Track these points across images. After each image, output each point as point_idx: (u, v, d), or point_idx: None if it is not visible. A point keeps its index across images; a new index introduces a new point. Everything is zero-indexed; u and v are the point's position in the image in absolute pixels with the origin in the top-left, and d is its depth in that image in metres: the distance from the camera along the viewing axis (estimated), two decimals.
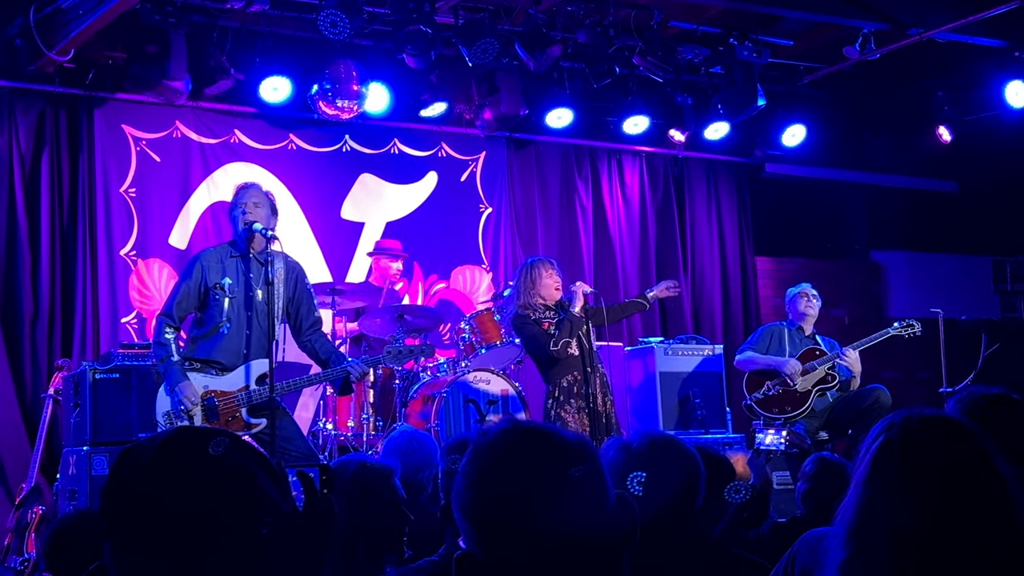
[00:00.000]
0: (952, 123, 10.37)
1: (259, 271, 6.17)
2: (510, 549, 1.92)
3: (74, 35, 7.73)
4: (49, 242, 8.57)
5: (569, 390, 7.56)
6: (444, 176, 10.16)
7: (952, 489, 2.06)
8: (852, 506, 2.13)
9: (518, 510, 1.91)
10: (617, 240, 10.74)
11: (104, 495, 1.89)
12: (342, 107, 8.69)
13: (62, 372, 7.98)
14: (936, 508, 2.04)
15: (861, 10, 8.91)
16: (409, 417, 7.93)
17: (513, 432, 2.02)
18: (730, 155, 11.20)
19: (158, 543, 1.83)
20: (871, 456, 2.13)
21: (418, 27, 7.96)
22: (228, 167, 9.31)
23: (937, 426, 2.14)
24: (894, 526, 2.05)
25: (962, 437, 2.12)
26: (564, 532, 1.89)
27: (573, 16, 8.53)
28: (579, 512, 1.91)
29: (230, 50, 8.50)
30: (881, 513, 2.07)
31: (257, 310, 6.13)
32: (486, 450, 2.01)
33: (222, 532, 1.84)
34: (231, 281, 6.15)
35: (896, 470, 2.09)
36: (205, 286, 6.15)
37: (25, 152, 8.58)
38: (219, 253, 6.27)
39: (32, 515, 7.58)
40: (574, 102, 9.67)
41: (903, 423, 2.15)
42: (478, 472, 1.99)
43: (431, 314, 8.95)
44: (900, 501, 2.06)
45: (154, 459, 1.88)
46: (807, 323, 8.76)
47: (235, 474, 1.88)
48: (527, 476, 1.93)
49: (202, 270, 6.16)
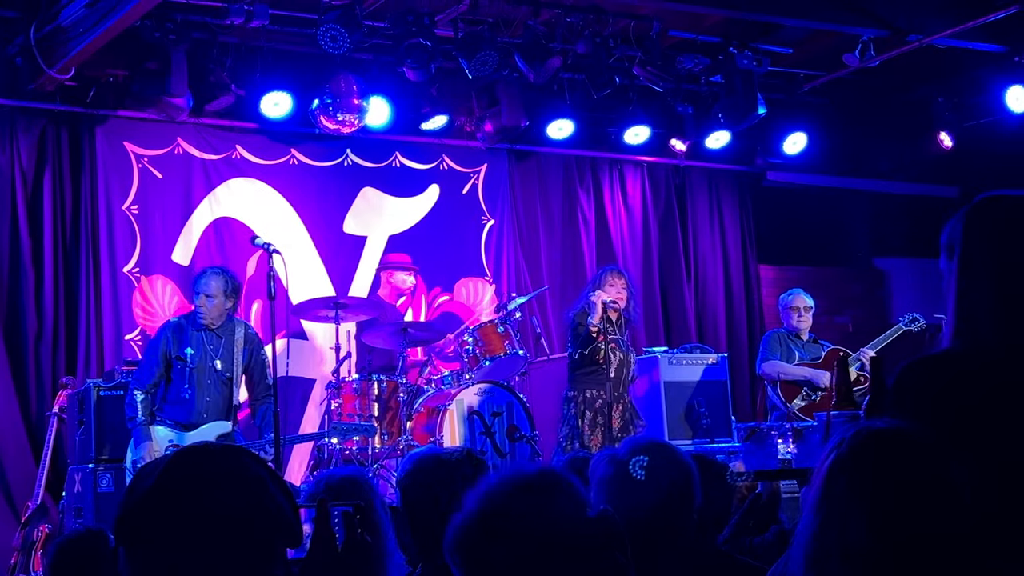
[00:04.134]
0: (953, 128, 10.38)
1: (218, 342, 7.09)
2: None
3: (75, 53, 7.74)
4: (52, 260, 8.58)
5: (591, 403, 7.77)
6: (446, 189, 10.17)
7: (904, 503, 1.96)
8: (805, 526, 2.03)
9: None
10: (620, 250, 10.74)
11: (122, 501, 1.93)
12: (343, 121, 8.70)
13: (66, 390, 7.99)
14: (888, 524, 1.95)
15: (860, 17, 8.92)
16: (414, 430, 7.93)
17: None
18: (731, 164, 11.20)
19: (173, 549, 1.85)
20: (822, 474, 2.04)
21: (418, 40, 7.98)
22: (230, 183, 9.32)
23: (888, 440, 2.02)
24: (845, 545, 1.96)
25: (914, 449, 2.01)
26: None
27: (572, 27, 8.54)
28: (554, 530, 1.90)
29: (231, 66, 8.51)
30: (833, 532, 1.98)
31: (215, 378, 7.05)
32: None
33: (236, 539, 1.87)
34: (192, 351, 7.03)
35: (845, 487, 1.99)
36: (168, 357, 7.03)
37: (27, 170, 8.59)
38: (181, 325, 7.16)
39: (38, 533, 7.57)
40: (575, 113, 9.68)
41: (852, 438, 2.04)
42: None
43: (434, 327, 8.96)
44: (851, 519, 1.97)
45: (170, 467, 1.92)
46: (802, 331, 8.79)
47: (249, 484, 1.92)
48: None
49: (166, 342, 7.07)
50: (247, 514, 1.89)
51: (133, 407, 6.97)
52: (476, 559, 1.92)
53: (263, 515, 1.90)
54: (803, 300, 8.81)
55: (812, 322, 8.86)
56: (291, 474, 8.67)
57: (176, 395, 7.03)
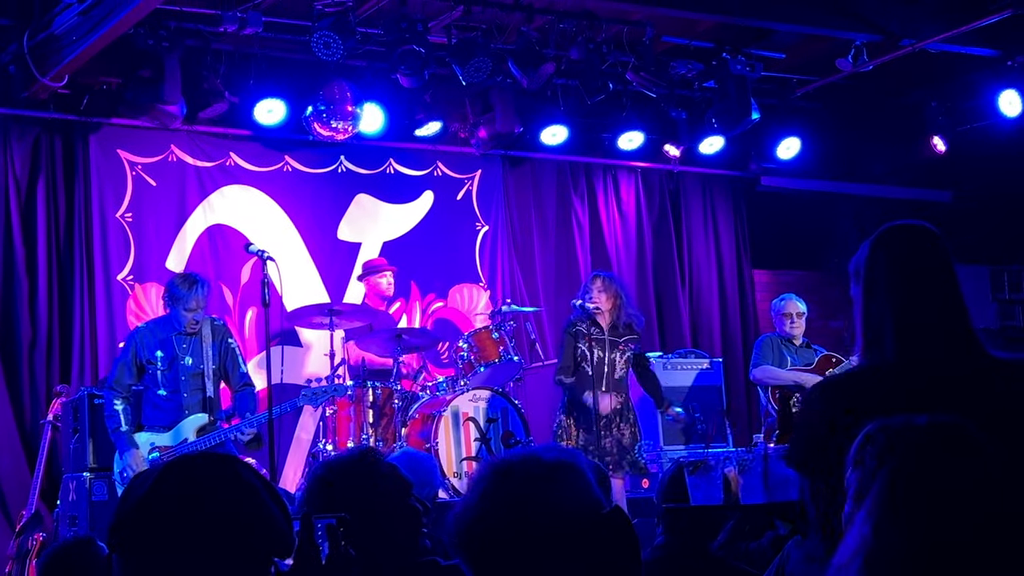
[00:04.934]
0: (946, 133, 10.39)
1: (188, 340, 7.07)
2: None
3: (68, 61, 7.74)
4: (46, 268, 8.58)
5: (577, 404, 7.73)
6: (440, 195, 10.17)
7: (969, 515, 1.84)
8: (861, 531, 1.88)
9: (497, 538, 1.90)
10: (614, 256, 10.74)
11: (116, 509, 1.94)
12: (337, 128, 8.71)
13: (61, 398, 7.98)
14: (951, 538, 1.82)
15: (853, 22, 8.94)
16: (409, 437, 7.92)
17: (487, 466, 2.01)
18: (725, 169, 11.21)
19: (166, 557, 1.87)
20: (879, 490, 1.89)
21: (411, 47, 7.98)
22: (224, 190, 9.32)
23: (946, 444, 1.91)
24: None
25: (975, 453, 1.91)
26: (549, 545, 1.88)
27: (565, 33, 8.55)
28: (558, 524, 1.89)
29: (224, 73, 8.52)
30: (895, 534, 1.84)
31: (187, 374, 7.03)
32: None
33: (228, 547, 1.88)
34: (162, 354, 7.04)
35: (907, 502, 1.85)
36: (139, 361, 7.04)
37: (21, 178, 8.59)
38: (151, 328, 7.20)
39: (33, 542, 7.56)
40: (568, 119, 9.69)
41: (907, 450, 1.92)
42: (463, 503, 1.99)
43: (428, 334, 8.96)
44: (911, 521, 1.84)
45: (163, 476, 1.93)
46: (795, 337, 8.74)
47: (242, 492, 1.93)
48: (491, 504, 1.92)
49: (135, 348, 7.08)
50: (240, 523, 1.90)
51: (115, 417, 6.96)
52: (482, 543, 1.91)
53: (256, 524, 1.92)
54: (795, 306, 8.75)
55: (806, 327, 8.82)
56: (285, 481, 8.67)
57: (153, 398, 7.02)
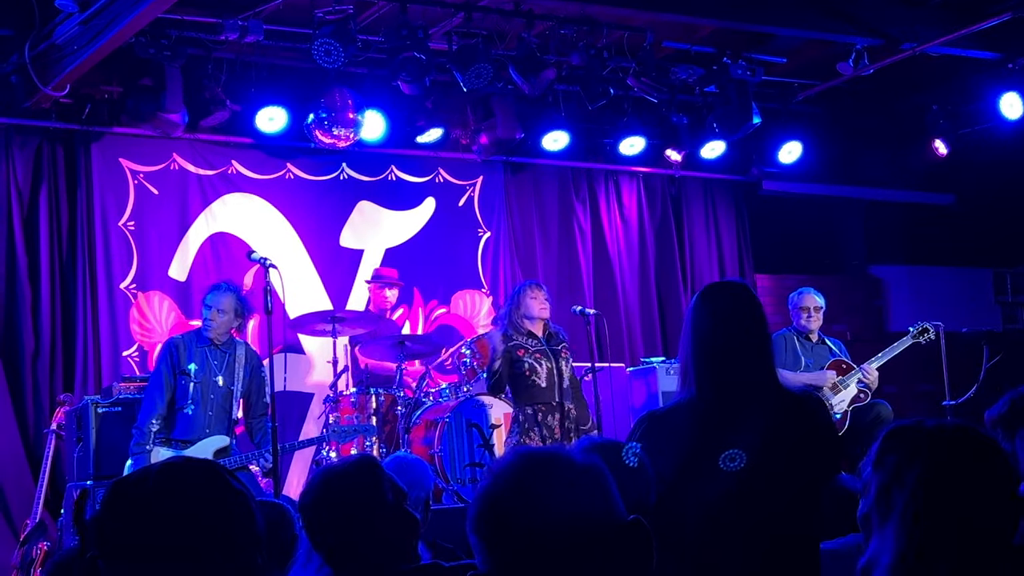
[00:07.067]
0: (948, 136, 10.39)
1: (222, 358, 7.17)
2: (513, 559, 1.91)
3: (70, 70, 7.75)
4: (49, 277, 8.58)
5: (533, 418, 7.88)
6: (442, 201, 10.17)
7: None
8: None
9: (513, 522, 1.90)
10: (616, 261, 10.74)
11: (102, 514, 1.93)
12: (339, 135, 8.71)
13: (64, 407, 7.98)
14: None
15: (853, 26, 8.94)
16: (412, 443, 7.92)
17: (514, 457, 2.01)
18: (727, 174, 11.22)
19: (151, 563, 1.87)
20: (910, 491, 2.13)
21: (412, 54, 7.98)
22: (226, 198, 9.33)
23: (969, 446, 2.15)
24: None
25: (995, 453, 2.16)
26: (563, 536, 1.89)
27: (566, 39, 8.55)
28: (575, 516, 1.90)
29: (225, 81, 8.53)
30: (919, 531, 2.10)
31: (218, 393, 7.10)
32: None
33: (214, 553, 1.89)
34: (196, 367, 7.08)
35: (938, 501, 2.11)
36: (173, 374, 7.08)
37: (23, 188, 8.60)
38: (186, 340, 7.24)
39: (37, 551, 7.55)
40: (570, 125, 9.69)
41: (934, 452, 2.15)
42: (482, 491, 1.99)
43: (430, 340, 8.96)
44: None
45: (148, 481, 1.93)
46: (811, 331, 8.70)
47: (228, 499, 1.94)
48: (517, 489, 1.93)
49: (169, 360, 7.12)
50: (226, 529, 1.90)
51: (143, 434, 6.98)
52: (497, 527, 1.90)
53: (242, 530, 1.92)
54: (813, 300, 8.69)
55: (822, 322, 8.77)
56: (290, 488, 8.66)
57: (179, 410, 7.07)
